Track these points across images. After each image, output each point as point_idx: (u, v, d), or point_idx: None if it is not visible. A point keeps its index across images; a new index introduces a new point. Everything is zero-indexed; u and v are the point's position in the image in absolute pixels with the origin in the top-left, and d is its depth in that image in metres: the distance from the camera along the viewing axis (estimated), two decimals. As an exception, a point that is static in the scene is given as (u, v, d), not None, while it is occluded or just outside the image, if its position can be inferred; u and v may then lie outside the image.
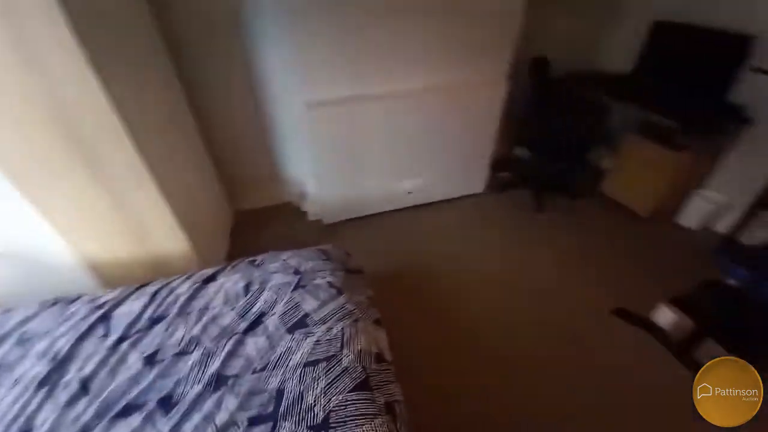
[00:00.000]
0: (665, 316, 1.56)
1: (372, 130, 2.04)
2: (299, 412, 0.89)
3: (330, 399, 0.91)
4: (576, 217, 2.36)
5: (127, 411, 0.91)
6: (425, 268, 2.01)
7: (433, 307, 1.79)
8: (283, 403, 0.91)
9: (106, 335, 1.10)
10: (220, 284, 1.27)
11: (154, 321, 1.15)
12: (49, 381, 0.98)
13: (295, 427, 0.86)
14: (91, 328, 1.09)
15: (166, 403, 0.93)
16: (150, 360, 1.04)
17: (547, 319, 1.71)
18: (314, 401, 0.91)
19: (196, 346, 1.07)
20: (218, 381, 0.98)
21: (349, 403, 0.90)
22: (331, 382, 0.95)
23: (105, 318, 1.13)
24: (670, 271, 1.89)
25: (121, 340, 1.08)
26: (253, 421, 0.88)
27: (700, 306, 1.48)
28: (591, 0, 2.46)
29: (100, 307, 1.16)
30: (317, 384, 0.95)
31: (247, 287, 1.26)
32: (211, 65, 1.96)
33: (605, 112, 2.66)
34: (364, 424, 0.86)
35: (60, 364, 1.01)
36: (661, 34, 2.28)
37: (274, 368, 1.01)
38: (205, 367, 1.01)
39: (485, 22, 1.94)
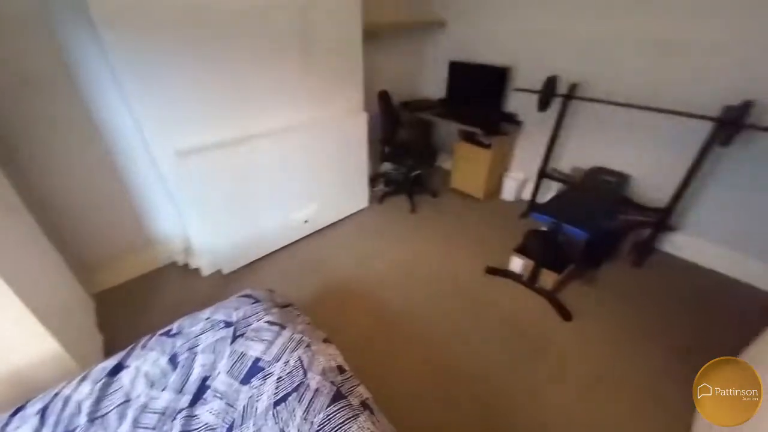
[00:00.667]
0: (515, 263, 2.14)
1: (255, 169, 2.03)
2: (292, 440, 0.88)
3: (312, 422, 0.93)
4: (439, 209, 2.91)
5: None
6: (340, 283, 2.12)
7: (358, 310, 1.91)
8: (268, 448, 0.89)
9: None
10: (134, 369, 1.08)
11: (57, 444, 0.89)
12: None
13: (290, 460, 0.86)
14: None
15: None
16: (71, 490, 0.81)
17: (443, 287, 2.08)
18: (298, 431, 0.92)
19: (133, 446, 0.90)
20: (180, 466, 0.86)
21: (331, 415, 0.94)
22: (307, 407, 0.97)
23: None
24: (508, 231, 2.56)
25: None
26: (242, 480, 0.83)
27: (532, 248, 2.11)
28: (407, 49, 3.13)
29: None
30: (295, 415, 0.95)
31: (173, 360, 1.11)
32: (41, 132, 1.61)
33: (434, 127, 3.40)
34: (351, 427, 0.92)
35: None
36: (456, 70, 3.09)
37: (242, 423, 0.95)
38: (156, 461, 0.87)
39: (335, 67, 2.24)
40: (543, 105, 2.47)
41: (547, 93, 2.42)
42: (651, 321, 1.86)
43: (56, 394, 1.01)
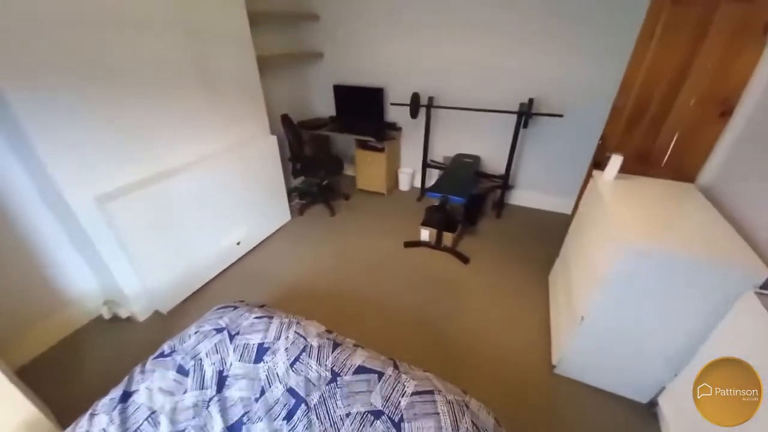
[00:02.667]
0: (424, 233, 2.71)
1: (180, 202, 2.02)
2: (315, 385, 1.14)
3: (325, 364, 1.21)
4: (354, 209, 3.31)
5: None
6: (288, 286, 2.30)
7: (311, 300, 2.15)
8: (299, 393, 1.13)
9: None
10: (145, 389, 1.14)
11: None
12: None
13: (320, 392, 1.12)
14: None
15: None
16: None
17: (373, 265, 2.51)
18: (318, 373, 1.18)
19: (181, 436, 1.01)
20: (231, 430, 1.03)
21: (336, 356, 1.23)
22: (317, 357, 1.23)
23: None
24: (412, 213, 3.15)
25: None
26: (290, 416, 1.06)
27: (432, 219, 2.72)
28: (296, 76, 3.43)
29: None
30: (310, 366, 1.21)
31: (180, 371, 1.20)
32: None
33: (332, 140, 3.79)
34: (356, 357, 1.23)
35: None
36: (339, 92, 3.55)
37: (270, 386, 1.16)
38: (208, 437, 1.01)
39: (239, 97, 2.41)
40: (413, 114, 3.15)
41: (414, 105, 3.10)
42: (513, 249, 2.68)
43: (68, 438, 1.01)
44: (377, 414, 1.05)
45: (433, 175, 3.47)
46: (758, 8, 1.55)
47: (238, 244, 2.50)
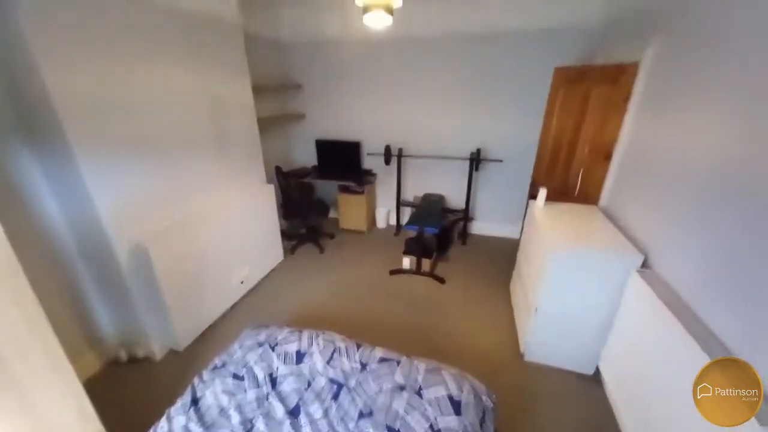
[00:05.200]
0: (405, 261, 3.13)
1: (194, 246, 2.25)
2: (350, 374, 1.45)
3: (354, 358, 1.52)
4: (341, 246, 3.67)
5: None
6: (292, 314, 2.54)
7: (315, 323, 2.40)
8: (339, 380, 1.43)
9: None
10: (211, 393, 1.37)
11: (191, 450, 1.15)
12: None
13: (355, 378, 1.43)
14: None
15: None
16: None
17: (364, 291, 2.84)
18: (350, 366, 1.49)
19: (252, 424, 1.26)
20: (293, 414, 1.30)
21: (363, 352, 1.56)
22: (347, 355, 1.54)
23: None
24: (392, 246, 3.59)
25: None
26: (336, 396, 1.35)
27: (411, 249, 3.16)
28: (283, 133, 3.90)
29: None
30: (343, 362, 1.51)
31: (236, 377, 1.45)
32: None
33: (316, 187, 4.22)
34: (376, 351, 1.56)
35: None
36: (321, 145, 4.07)
37: (315, 380, 1.44)
38: (271, 418, 1.27)
39: (245, 155, 2.80)
40: (387, 161, 3.72)
41: (386, 155, 3.68)
42: (479, 269, 3.18)
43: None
44: (402, 387, 1.38)
45: (406, 213, 3.99)
46: (619, 88, 2.32)
47: (242, 283, 2.72)
